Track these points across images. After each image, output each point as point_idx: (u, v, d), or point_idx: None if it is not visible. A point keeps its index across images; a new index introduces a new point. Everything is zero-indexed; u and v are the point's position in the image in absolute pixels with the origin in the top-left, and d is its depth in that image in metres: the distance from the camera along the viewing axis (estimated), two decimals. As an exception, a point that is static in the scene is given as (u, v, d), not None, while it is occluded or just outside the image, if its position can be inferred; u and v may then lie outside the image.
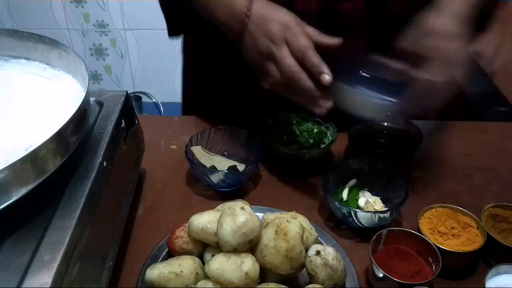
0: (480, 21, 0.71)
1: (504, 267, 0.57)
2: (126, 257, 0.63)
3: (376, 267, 0.56)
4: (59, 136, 0.47)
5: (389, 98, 0.65)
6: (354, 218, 0.64)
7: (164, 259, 0.59)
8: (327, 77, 0.61)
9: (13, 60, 0.64)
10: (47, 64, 0.64)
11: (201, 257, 0.58)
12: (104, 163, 0.55)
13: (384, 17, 0.79)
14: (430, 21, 0.64)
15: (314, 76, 0.62)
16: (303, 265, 0.55)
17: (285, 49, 0.61)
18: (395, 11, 0.80)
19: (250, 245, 0.53)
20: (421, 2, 0.80)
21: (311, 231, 0.59)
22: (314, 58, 0.61)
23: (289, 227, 0.53)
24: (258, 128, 0.79)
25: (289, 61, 0.61)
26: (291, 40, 0.61)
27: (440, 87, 0.62)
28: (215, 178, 0.71)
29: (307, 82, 0.61)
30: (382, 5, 0.78)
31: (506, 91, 0.71)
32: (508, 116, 1.12)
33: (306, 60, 0.61)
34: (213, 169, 0.72)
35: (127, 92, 0.68)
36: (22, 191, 0.45)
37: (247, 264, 0.52)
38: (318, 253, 0.54)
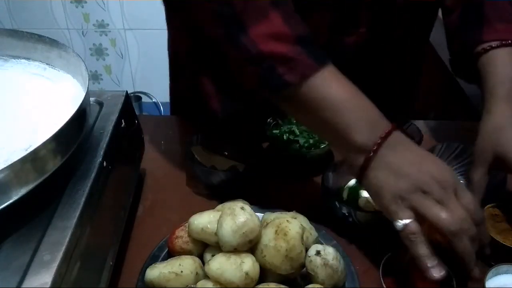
0: None
1: (504, 267, 0.57)
2: (126, 257, 0.63)
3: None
4: (59, 136, 0.47)
5: None
6: (354, 218, 0.64)
7: (164, 259, 0.59)
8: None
9: (13, 60, 0.64)
10: (47, 64, 0.64)
11: (201, 257, 0.57)
12: (104, 163, 0.55)
13: (387, 43, 0.79)
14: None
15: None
16: (303, 265, 0.55)
17: (456, 201, 0.54)
18: (397, 37, 0.80)
19: (250, 245, 0.53)
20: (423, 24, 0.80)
21: (311, 231, 0.59)
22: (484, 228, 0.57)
23: (289, 227, 0.53)
24: (258, 128, 0.79)
25: (462, 213, 0.53)
26: (461, 194, 0.55)
27: None
28: (215, 178, 0.71)
29: (472, 242, 0.54)
30: (385, 33, 0.77)
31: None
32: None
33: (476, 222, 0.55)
34: (213, 169, 0.72)
35: (127, 92, 0.68)
36: (22, 191, 0.45)
37: (247, 264, 0.52)
38: (318, 253, 0.54)
